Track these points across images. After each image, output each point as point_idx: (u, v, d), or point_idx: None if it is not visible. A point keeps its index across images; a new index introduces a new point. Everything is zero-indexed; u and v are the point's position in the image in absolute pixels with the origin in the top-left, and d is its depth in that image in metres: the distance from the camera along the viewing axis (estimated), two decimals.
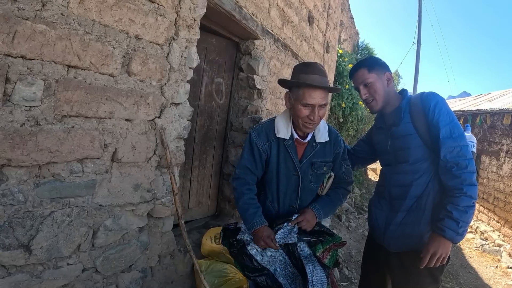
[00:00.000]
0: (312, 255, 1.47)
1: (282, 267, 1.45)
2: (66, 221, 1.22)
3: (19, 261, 1.10)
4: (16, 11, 0.98)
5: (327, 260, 1.48)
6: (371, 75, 1.51)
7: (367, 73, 1.52)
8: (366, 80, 1.52)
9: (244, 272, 1.45)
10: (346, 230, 4.30)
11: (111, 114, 1.31)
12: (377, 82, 1.51)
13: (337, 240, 1.50)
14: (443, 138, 1.35)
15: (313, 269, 1.40)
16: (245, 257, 1.44)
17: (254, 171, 1.52)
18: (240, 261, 1.46)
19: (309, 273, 1.38)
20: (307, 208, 1.53)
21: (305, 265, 1.40)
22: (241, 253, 1.45)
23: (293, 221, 1.46)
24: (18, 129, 1.03)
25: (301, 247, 1.46)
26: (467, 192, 1.30)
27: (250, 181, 1.52)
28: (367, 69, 1.53)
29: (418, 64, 13.46)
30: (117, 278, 1.48)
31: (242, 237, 1.46)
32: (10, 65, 0.99)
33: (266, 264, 1.43)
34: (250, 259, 1.43)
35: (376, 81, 1.51)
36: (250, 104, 2.57)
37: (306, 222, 1.46)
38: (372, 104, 1.54)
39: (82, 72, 1.18)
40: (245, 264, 1.44)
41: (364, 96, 1.55)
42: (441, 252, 1.30)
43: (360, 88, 1.56)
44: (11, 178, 1.05)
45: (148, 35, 1.41)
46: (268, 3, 2.49)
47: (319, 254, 1.46)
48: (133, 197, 1.46)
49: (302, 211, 1.51)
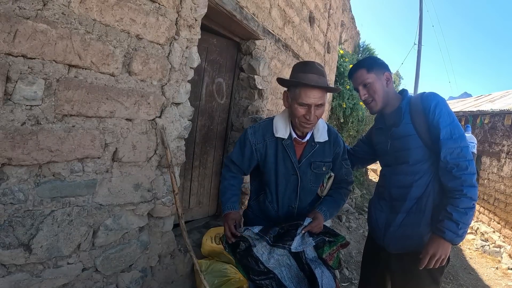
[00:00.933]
0: (317, 258, 1.44)
1: (289, 271, 1.40)
2: (67, 220, 1.22)
3: (19, 260, 1.10)
4: (17, 10, 0.98)
5: (332, 262, 1.46)
6: (370, 75, 1.51)
7: (366, 74, 1.51)
8: (365, 80, 1.51)
9: (249, 275, 1.39)
10: (347, 230, 4.30)
11: (112, 114, 1.31)
12: (376, 83, 1.50)
13: (341, 240, 1.49)
14: (444, 139, 1.34)
15: (321, 273, 1.37)
16: (251, 259, 1.39)
17: (240, 165, 1.56)
18: (245, 263, 1.40)
19: (319, 277, 1.35)
20: (316, 212, 1.49)
21: (313, 269, 1.36)
22: (247, 255, 1.41)
23: (307, 227, 1.40)
24: (19, 128, 1.03)
25: (307, 250, 1.43)
26: (467, 194, 1.29)
27: (234, 171, 1.59)
28: (366, 69, 1.52)
29: (419, 65, 13.44)
30: (117, 277, 1.48)
31: (248, 234, 1.42)
32: (11, 64, 0.99)
33: (272, 267, 1.38)
34: (256, 262, 1.38)
35: (375, 82, 1.50)
36: (251, 104, 2.57)
37: (318, 228, 1.44)
38: (371, 104, 1.54)
39: (83, 72, 1.18)
40: (250, 266, 1.38)
41: (364, 97, 1.54)
42: (440, 253, 1.30)
43: (359, 88, 1.55)
44: (12, 177, 1.05)
45: (149, 35, 1.41)
46: (269, 3, 2.49)
47: (325, 256, 1.44)
48: (133, 197, 1.46)
49: (312, 215, 1.46)
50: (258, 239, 1.41)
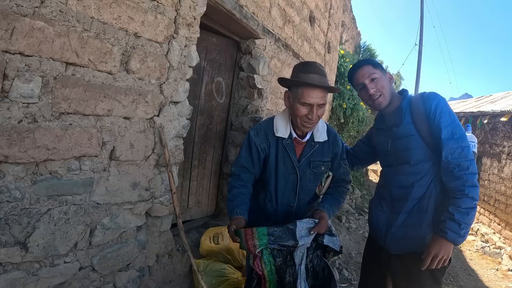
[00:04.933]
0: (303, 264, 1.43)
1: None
2: (63, 219, 1.22)
3: (15, 258, 1.10)
4: (14, 7, 0.98)
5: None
6: (377, 70, 1.50)
7: (373, 69, 1.50)
8: (372, 75, 1.48)
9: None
10: (347, 231, 4.29)
11: (110, 112, 1.30)
12: (383, 78, 1.50)
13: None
14: (445, 139, 1.34)
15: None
16: None
17: (251, 169, 1.51)
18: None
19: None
20: (322, 212, 1.47)
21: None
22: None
23: (314, 228, 1.38)
24: (16, 125, 1.03)
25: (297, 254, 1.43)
26: (468, 194, 1.29)
27: (244, 179, 1.51)
28: (372, 65, 1.51)
29: (420, 65, 13.42)
30: (114, 277, 1.47)
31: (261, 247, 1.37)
32: (8, 62, 0.99)
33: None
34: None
35: (382, 77, 1.50)
36: (250, 103, 2.57)
37: (325, 227, 1.43)
38: (379, 99, 1.49)
39: (81, 69, 1.18)
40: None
41: (372, 91, 1.48)
42: (442, 254, 1.29)
43: (366, 83, 1.49)
44: (8, 175, 1.05)
45: (147, 33, 1.40)
46: (269, 2, 2.49)
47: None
48: (131, 196, 1.46)
49: (318, 216, 1.44)
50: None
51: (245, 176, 1.51)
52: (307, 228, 1.39)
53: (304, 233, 1.37)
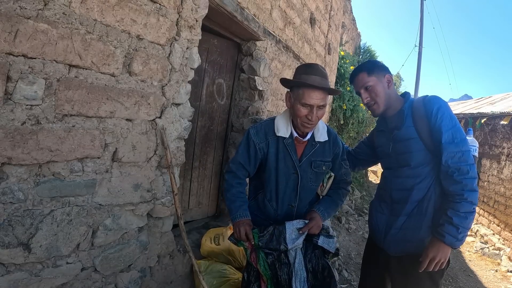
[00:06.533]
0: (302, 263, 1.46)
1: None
2: (66, 220, 1.22)
3: (18, 259, 1.10)
4: (18, 10, 0.98)
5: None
6: (371, 78, 1.52)
7: (367, 77, 1.52)
8: (366, 83, 1.52)
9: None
10: (346, 232, 4.30)
11: (112, 114, 1.31)
12: (378, 85, 1.51)
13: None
14: (445, 143, 1.34)
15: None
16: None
17: (247, 167, 1.54)
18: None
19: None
20: (314, 212, 1.51)
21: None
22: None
23: (303, 228, 1.43)
24: (19, 127, 1.04)
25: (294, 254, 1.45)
26: (467, 198, 1.29)
27: (241, 176, 1.56)
28: (367, 72, 1.53)
29: (420, 67, 13.44)
30: (116, 277, 1.48)
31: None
32: (11, 64, 0.99)
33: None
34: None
35: (377, 84, 1.51)
36: (251, 105, 2.57)
37: (317, 227, 1.47)
38: (374, 107, 1.55)
39: (84, 72, 1.19)
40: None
41: (366, 100, 1.55)
42: (440, 256, 1.30)
43: (361, 92, 1.56)
44: (12, 176, 1.05)
45: (149, 35, 1.41)
46: (270, 4, 2.49)
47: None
48: (133, 197, 1.47)
49: (310, 216, 1.49)
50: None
51: (241, 173, 1.56)
52: (297, 229, 1.44)
53: (295, 235, 1.42)
